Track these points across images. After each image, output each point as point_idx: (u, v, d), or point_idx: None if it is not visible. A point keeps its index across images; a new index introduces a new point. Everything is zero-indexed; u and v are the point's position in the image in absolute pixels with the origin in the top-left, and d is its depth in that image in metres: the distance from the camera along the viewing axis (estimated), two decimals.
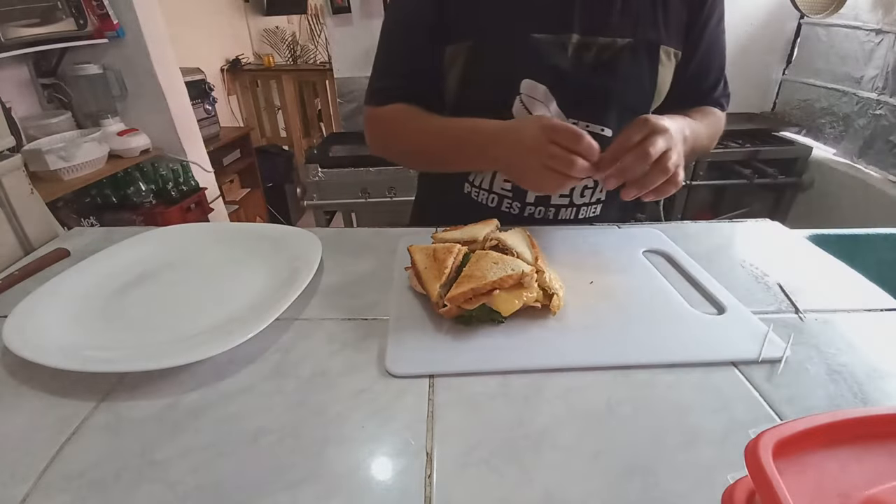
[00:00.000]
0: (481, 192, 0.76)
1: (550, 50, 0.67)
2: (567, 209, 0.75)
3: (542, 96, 0.68)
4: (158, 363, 0.41)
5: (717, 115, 0.76)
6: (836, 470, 0.25)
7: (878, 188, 1.83)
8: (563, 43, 0.67)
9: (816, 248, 0.64)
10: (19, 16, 1.43)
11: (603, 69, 0.68)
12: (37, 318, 0.47)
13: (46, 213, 0.71)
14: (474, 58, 0.70)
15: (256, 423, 0.37)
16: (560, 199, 0.74)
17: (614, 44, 0.67)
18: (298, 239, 0.61)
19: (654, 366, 0.43)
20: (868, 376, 0.42)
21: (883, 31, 1.83)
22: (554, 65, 0.67)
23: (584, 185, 0.73)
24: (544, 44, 0.67)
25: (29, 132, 1.56)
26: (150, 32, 1.74)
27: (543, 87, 0.67)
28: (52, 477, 0.33)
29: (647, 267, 0.58)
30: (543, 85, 0.67)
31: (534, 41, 0.66)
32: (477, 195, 0.77)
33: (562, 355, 0.44)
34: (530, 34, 0.66)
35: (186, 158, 1.95)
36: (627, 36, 0.67)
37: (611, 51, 0.67)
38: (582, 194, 0.74)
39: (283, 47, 3.20)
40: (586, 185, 0.74)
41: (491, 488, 0.32)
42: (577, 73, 0.67)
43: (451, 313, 0.47)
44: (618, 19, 0.67)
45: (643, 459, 0.34)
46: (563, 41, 0.67)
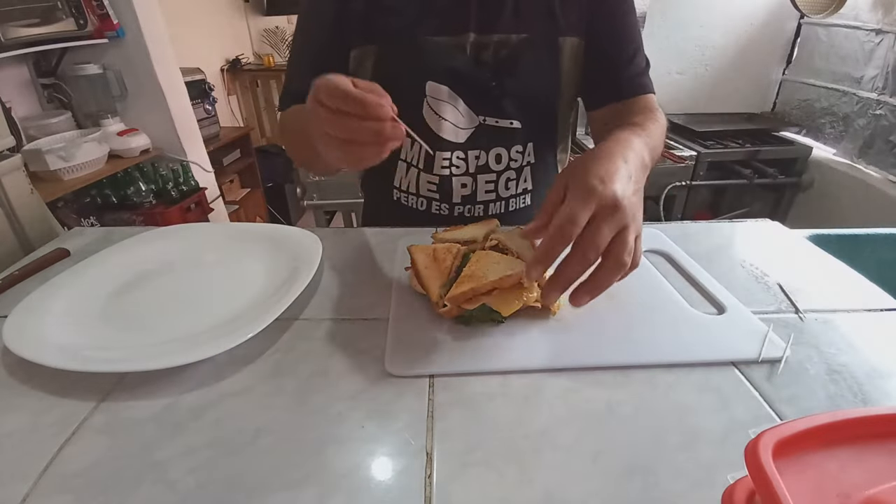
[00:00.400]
0: (409, 196, 0.77)
1: (450, 51, 0.68)
2: (495, 203, 0.76)
3: (447, 97, 0.69)
4: (158, 363, 0.41)
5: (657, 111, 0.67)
6: (836, 470, 0.25)
7: (878, 188, 1.83)
8: (461, 44, 0.68)
9: (816, 248, 0.64)
10: (19, 16, 1.43)
11: (502, 66, 0.68)
12: (37, 318, 0.47)
13: (46, 213, 0.71)
14: (379, 62, 0.71)
15: (256, 423, 0.37)
16: (486, 196, 0.75)
17: (509, 40, 0.68)
18: (298, 239, 0.61)
19: (654, 366, 0.43)
20: (868, 376, 0.42)
21: (883, 31, 1.83)
22: (454, 66, 0.68)
23: (506, 177, 0.75)
24: (443, 46, 0.68)
25: (29, 132, 1.56)
26: (150, 32, 1.74)
27: (446, 88, 0.68)
28: (52, 477, 0.33)
29: (647, 267, 0.58)
30: (445, 86, 0.68)
31: (433, 44, 0.68)
32: (406, 200, 0.77)
33: (562, 355, 0.44)
34: (428, 37, 0.67)
35: (186, 158, 1.95)
36: (523, 31, 0.68)
37: (507, 47, 0.68)
38: (507, 187, 0.75)
39: (283, 47, 3.19)
40: (509, 178, 0.75)
41: (491, 488, 0.32)
42: (477, 72, 0.68)
43: (451, 313, 0.47)
44: (511, 15, 0.67)
45: (643, 459, 0.34)
46: (461, 42, 0.68)
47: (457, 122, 0.71)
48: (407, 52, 0.69)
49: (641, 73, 0.72)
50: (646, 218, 0.48)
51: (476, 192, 0.75)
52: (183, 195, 1.86)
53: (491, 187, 0.75)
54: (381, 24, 0.68)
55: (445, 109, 0.70)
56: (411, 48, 0.68)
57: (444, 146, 0.71)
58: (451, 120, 0.71)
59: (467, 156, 0.72)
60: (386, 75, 0.70)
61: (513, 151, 0.74)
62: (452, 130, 0.71)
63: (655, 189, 2.12)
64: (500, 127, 0.72)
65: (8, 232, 0.64)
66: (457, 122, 0.71)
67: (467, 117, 0.71)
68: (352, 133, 0.42)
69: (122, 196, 1.75)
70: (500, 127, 0.72)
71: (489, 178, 0.74)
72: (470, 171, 0.73)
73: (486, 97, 0.70)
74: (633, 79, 0.71)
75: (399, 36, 0.68)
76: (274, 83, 3.04)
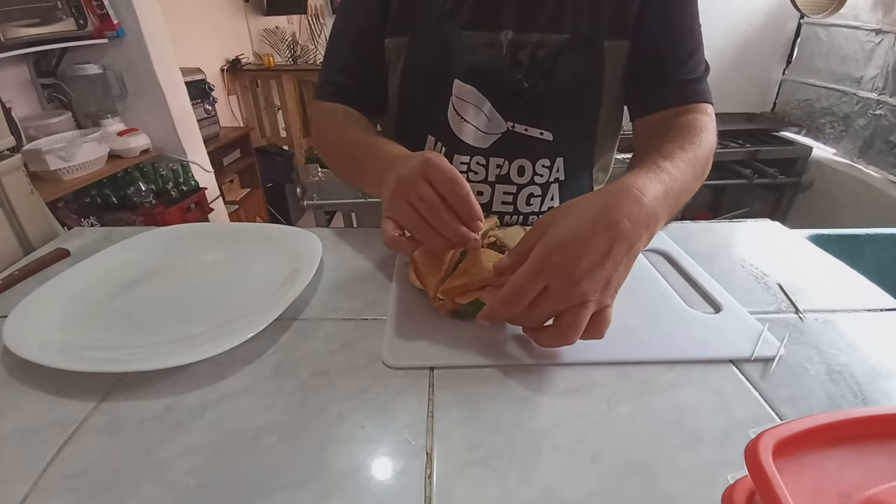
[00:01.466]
0: None
1: (482, 48, 0.63)
2: (512, 217, 0.71)
3: (474, 98, 0.64)
4: (158, 363, 0.41)
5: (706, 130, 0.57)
6: (836, 470, 0.25)
7: (878, 188, 1.83)
8: (495, 41, 0.62)
9: (816, 248, 0.64)
10: (19, 16, 1.43)
11: (536, 68, 0.62)
12: (37, 318, 0.47)
13: (46, 213, 0.71)
14: (409, 56, 0.67)
15: (256, 423, 0.37)
16: (503, 207, 0.70)
17: (549, 41, 0.62)
18: (298, 239, 0.61)
19: (650, 362, 0.43)
20: (868, 376, 0.42)
21: (883, 31, 1.83)
22: (484, 64, 0.63)
23: (528, 192, 0.69)
24: (475, 41, 0.63)
25: (29, 132, 1.56)
26: (150, 32, 1.74)
27: (472, 88, 0.64)
28: (52, 477, 0.33)
29: (646, 266, 0.58)
30: (473, 86, 0.64)
31: (465, 39, 0.63)
32: None
33: (559, 351, 0.44)
34: (460, 31, 0.63)
35: (186, 158, 1.95)
36: (564, 32, 0.61)
37: (546, 49, 0.62)
38: (528, 202, 0.70)
39: (283, 47, 3.20)
40: (532, 193, 0.70)
41: (491, 488, 0.32)
42: (510, 74, 0.63)
43: (446, 307, 0.47)
44: (553, 13, 0.61)
45: (643, 459, 0.34)
46: (496, 39, 0.62)
47: (480, 125, 0.66)
48: (437, 45, 0.64)
49: (696, 80, 0.63)
50: None
51: (492, 202, 0.70)
52: (183, 195, 1.86)
53: (509, 199, 0.70)
54: (415, 14, 0.65)
55: (469, 111, 0.65)
56: (441, 42, 0.64)
57: (463, 149, 0.67)
58: (475, 123, 0.66)
59: (488, 162, 0.68)
60: (415, 70, 0.67)
61: (538, 165, 0.68)
62: (475, 134, 0.66)
63: None
64: (529, 136, 0.66)
65: (8, 232, 0.64)
66: (480, 126, 0.66)
67: (494, 121, 0.66)
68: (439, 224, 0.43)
69: (122, 196, 1.75)
70: (528, 136, 0.66)
71: (508, 189, 0.69)
72: (488, 180, 0.69)
73: (516, 101, 0.64)
74: (684, 84, 0.62)
75: (433, 28, 0.64)
76: (274, 83, 3.04)
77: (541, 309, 0.39)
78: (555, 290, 0.37)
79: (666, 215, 0.44)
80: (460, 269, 0.47)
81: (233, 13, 3.00)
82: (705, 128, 0.57)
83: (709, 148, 0.56)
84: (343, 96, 0.69)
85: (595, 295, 0.38)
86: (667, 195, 0.44)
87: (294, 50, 3.21)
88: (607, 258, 0.38)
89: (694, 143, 0.54)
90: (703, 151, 0.54)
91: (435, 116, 0.67)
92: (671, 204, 0.45)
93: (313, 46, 3.27)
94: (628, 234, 0.38)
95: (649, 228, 0.41)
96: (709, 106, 0.62)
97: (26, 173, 0.68)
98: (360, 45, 0.69)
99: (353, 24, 0.69)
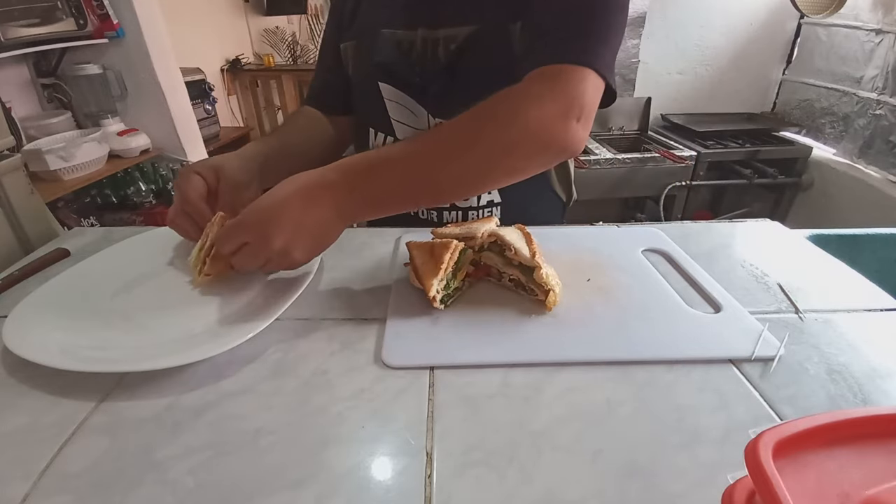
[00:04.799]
0: None
1: (402, 48, 0.64)
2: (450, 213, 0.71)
3: (396, 97, 0.66)
4: (158, 363, 0.41)
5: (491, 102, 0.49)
6: (836, 470, 0.25)
7: (878, 188, 1.83)
8: (412, 40, 0.63)
9: (816, 248, 0.64)
10: (19, 16, 1.43)
11: (452, 63, 0.61)
12: (37, 318, 0.47)
13: (46, 213, 0.71)
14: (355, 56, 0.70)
15: (256, 423, 0.37)
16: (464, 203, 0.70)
17: (457, 34, 0.60)
18: None
19: (650, 362, 0.43)
20: (868, 376, 0.42)
21: (883, 31, 1.83)
22: (395, 62, 0.64)
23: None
24: (397, 41, 0.64)
25: (29, 132, 1.56)
26: (150, 32, 1.74)
27: (389, 86, 0.66)
28: (52, 477, 0.33)
29: (646, 266, 0.58)
30: (389, 84, 0.66)
31: (387, 38, 0.64)
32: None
33: (557, 350, 0.44)
34: (383, 30, 0.65)
35: (186, 158, 1.95)
36: (470, 23, 0.60)
37: (456, 41, 0.61)
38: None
39: (283, 47, 3.19)
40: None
41: (491, 488, 0.32)
42: (429, 71, 0.63)
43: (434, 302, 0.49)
44: (458, 6, 0.60)
45: (643, 459, 0.34)
46: (412, 38, 0.63)
47: (410, 122, 0.67)
48: (368, 47, 0.67)
49: (562, 40, 0.50)
50: (646, 218, 0.48)
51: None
52: None
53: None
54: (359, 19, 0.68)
55: (396, 110, 0.67)
56: (371, 43, 0.66)
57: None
58: (403, 121, 0.67)
59: None
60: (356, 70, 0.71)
61: None
62: (405, 132, 0.68)
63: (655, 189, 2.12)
64: None
65: (8, 232, 0.64)
66: (410, 123, 0.67)
67: (421, 119, 0.66)
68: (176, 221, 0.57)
69: (122, 196, 1.75)
70: None
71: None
72: None
73: (438, 98, 0.64)
74: (544, 48, 0.51)
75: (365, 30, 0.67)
76: (274, 83, 3.04)
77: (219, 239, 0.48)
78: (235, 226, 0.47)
79: (344, 187, 0.48)
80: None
81: (233, 13, 3.00)
82: (508, 96, 0.48)
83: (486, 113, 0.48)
84: (318, 99, 0.78)
85: (259, 240, 0.46)
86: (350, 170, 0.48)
87: (294, 50, 3.20)
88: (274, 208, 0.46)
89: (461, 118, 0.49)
90: (465, 121, 0.49)
91: (374, 112, 0.70)
92: (353, 178, 0.48)
93: (313, 46, 3.27)
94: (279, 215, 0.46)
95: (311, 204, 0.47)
96: (567, 67, 0.49)
97: (26, 173, 0.68)
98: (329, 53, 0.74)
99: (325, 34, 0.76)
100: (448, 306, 0.50)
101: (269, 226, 0.45)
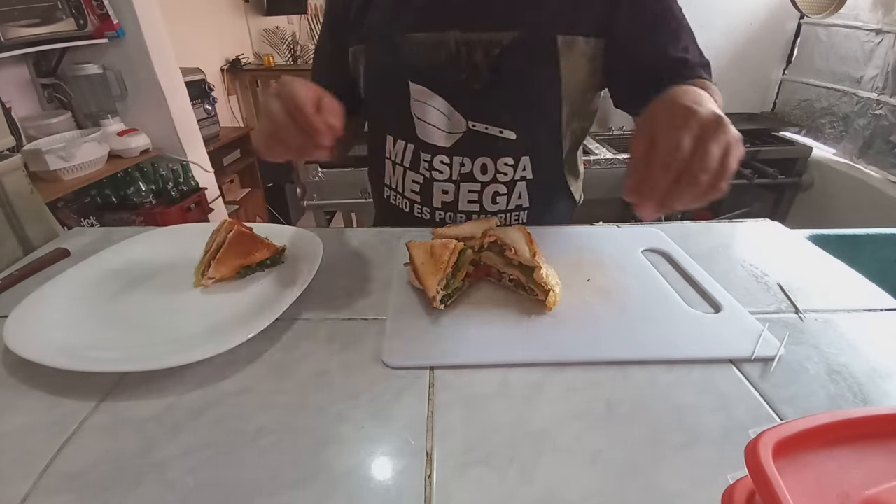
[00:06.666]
0: (397, 195, 0.76)
1: (431, 49, 0.64)
2: (479, 216, 0.71)
3: (429, 98, 0.66)
4: (158, 363, 0.41)
5: (712, 87, 0.61)
6: (836, 470, 0.25)
7: (878, 188, 1.83)
8: (444, 41, 0.63)
9: (816, 248, 0.64)
10: (19, 16, 1.43)
11: (492, 67, 0.63)
12: (37, 318, 0.47)
13: (46, 213, 0.71)
14: (367, 61, 0.70)
15: (256, 423, 0.37)
16: (469, 206, 0.71)
17: (500, 39, 0.62)
18: (298, 239, 0.61)
19: (650, 362, 0.43)
20: (868, 376, 0.42)
21: (883, 31, 1.83)
22: (436, 65, 0.64)
23: (493, 190, 0.70)
24: (424, 43, 0.64)
25: (29, 132, 1.56)
26: (150, 32, 1.74)
27: (424, 88, 0.65)
28: (52, 477, 0.33)
29: (646, 266, 0.58)
30: (424, 87, 0.65)
31: (412, 41, 0.64)
32: (395, 200, 0.77)
33: (557, 350, 0.44)
34: (407, 34, 0.64)
35: (186, 158, 1.95)
36: (514, 29, 0.61)
37: (497, 46, 0.62)
38: (494, 200, 0.70)
39: (283, 47, 3.20)
40: (497, 192, 0.70)
41: (491, 488, 0.32)
42: (464, 73, 0.63)
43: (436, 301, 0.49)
44: (501, 11, 0.61)
45: (643, 459, 0.34)
46: (445, 39, 0.63)
47: (440, 125, 0.67)
48: (387, 50, 0.66)
49: (699, 65, 0.62)
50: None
51: (458, 201, 0.71)
52: (183, 195, 1.86)
53: (474, 197, 0.70)
54: (369, 22, 0.67)
55: (426, 111, 0.66)
56: (391, 46, 0.65)
57: (427, 148, 0.69)
58: (434, 123, 0.67)
59: (451, 161, 0.69)
60: (373, 75, 0.70)
61: (500, 163, 0.68)
62: (435, 133, 0.68)
63: None
64: (490, 135, 0.66)
65: (8, 232, 0.64)
66: (440, 126, 0.67)
67: (454, 121, 0.66)
68: (279, 130, 0.44)
69: (122, 196, 1.75)
70: (489, 135, 0.66)
71: (472, 187, 0.70)
72: (453, 178, 0.70)
73: (474, 101, 0.65)
74: (682, 68, 0.62)
75: (380, 33, 0.66)
76: (273, 83, 3.03)
77: (700, 159, 0.36)
78: (705, 135, 0.37)
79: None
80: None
81: (233, 13, 3.00)
82: (712, 86, 0.59)
83: (720, 98, 0.57)
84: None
85: (736, 141, 0.39)
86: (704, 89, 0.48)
87: (294, 50, 3.20)
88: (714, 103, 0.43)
89: (707, 87, 0.56)
90: (718, 95, 0.57)
91: (396, 117, 0.69)
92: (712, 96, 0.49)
93: (313, 46, 3.27)
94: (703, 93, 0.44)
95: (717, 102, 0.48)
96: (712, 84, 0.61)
97: (26, 173, 0.68)
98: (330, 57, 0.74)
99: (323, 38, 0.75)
100: (448, 306, 0.50)
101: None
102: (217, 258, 0.54)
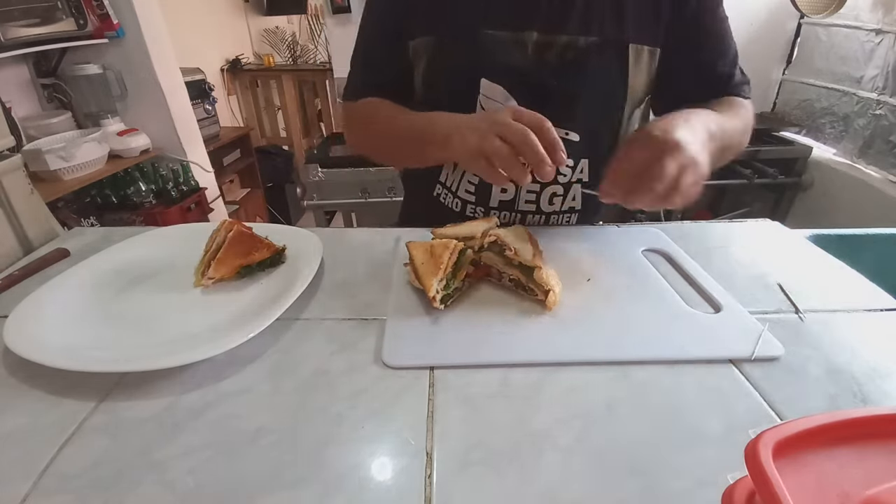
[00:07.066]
0: (448, 194, 0.75)
1: (508, 48, 0.64)
2: (535, 216, 0.73)
3: (501, 97, 0.66)
4: (158, 363, 0.41)
5: (744, 104, 0.67)
6: (836, 470, 0.25)
7: (878, 188, 1.83)
8: (521, 41, 0.64)
9: (816, 248, 0.64)
10: (19, 16, 1.43)
11: (566, 69, 0.64)
12: (37, 318, 0.47)
13: (46, 213, 0.71)
14: (434, 55, 0.69)
15: (256, 423, 0.37)
16: (526, 206, 0.72)
17: (577, 42, 0.63)
18: (298, 239, 0.61)
19: (650, 362, 0.43)
20: (868, 376, 0.42)
21: (883, 31, 1.83)
22: (512, 64, 0.64)
23: (551, 192, 0.71)
24: (501, 42, 0.64)
25: (29, 132, 1.56)
26: (150, 32, 1.74)
27: (500, 87, 0.65)
28: (52, 477, 0.33)
29: (646, 266, 0.58)
30: (500, 85, 0.65)
31: (490, 38, 0.64)
32: (445, 198, 0.76)
33: (557, 350, 0.44)
34: (486, 31, 0.64)
35: (186, 158, 1.95)
36: (592, 34, 0.63)
37: (574, 50, 0.64)
38: (550, 202, 0.71)
39: (283, 47, 3.20)
40: (554, 193, 0.71)
41: (491, 488, 0.32)
42: (537, 74, 0.64)
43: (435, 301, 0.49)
44: (580, 16, 0.63)
45: (643, 459, 0.34)
46: (522, 39, 0.64)
47: None
48: (464, 45, 0.66)
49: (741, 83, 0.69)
50: (646, 217, 0.48)
51: (516, 201, 0.71)
52: (183, 195, 1.86)
53: (532, 198, 0.71)
54: (442, 15, 0.67)
55: (490, 106, 0.66)
56: (469, 42, 0.65)
57: None
58: None
59: None
60: (440, 69, 0.69)
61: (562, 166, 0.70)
62: None
63: None
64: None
65: (8, 232, 0.64)
66: None
67: None
68: (527, 147, 0.49)
69: (122, 196, 1.75)
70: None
71: (532, 187, 0.70)
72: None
73: (544, 101, 0.63)
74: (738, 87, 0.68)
75: (459, 28, 0.66)
76: (274, 83, 3.04)
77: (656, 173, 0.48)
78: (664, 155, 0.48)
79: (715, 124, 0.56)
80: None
81: (233, 13, 3.00)
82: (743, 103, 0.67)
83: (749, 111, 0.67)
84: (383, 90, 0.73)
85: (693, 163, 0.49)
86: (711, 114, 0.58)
87: (294, 50, 3.20)
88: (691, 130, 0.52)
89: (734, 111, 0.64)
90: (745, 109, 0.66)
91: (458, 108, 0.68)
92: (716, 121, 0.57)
93: (313, 46, 3.27)
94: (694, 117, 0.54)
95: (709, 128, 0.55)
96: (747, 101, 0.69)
97: (26, 173, 0.68)
98: (389, 45, 0.71)
99: (381, 25, 0.72)
100: (448, 306, 0.50)
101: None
102: (217, 258, 0.54)
